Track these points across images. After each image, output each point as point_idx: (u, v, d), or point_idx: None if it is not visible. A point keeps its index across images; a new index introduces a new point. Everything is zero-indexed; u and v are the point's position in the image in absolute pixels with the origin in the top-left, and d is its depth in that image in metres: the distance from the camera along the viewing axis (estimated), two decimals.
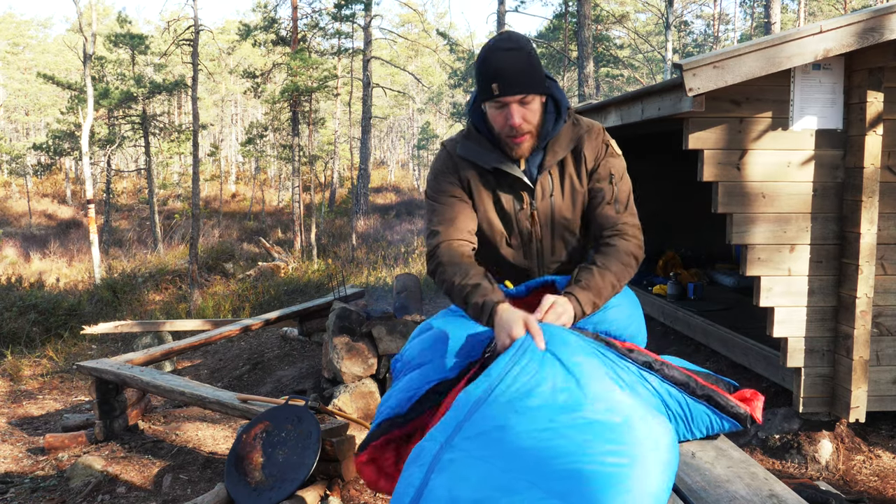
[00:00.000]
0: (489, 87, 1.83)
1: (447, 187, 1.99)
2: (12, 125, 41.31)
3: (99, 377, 4.83)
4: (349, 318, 5.51)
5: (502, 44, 1.84)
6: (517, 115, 1.84)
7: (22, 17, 45.96)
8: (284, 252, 16.35)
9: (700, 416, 1.69)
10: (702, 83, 3.36)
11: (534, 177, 1.97)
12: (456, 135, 2.10)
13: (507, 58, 1.81)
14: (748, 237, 3.75)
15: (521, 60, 1.82)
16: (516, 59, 1.82)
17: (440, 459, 1.37)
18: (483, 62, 1.85)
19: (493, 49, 1.84)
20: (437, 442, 1.42)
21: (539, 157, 1.96)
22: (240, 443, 3.79)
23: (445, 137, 13.01)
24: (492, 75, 1.81)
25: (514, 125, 1.85)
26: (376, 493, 3.79)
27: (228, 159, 38.12)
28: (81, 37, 15.29)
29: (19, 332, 9.71)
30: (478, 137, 1.97)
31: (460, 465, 1.34)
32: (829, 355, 3.83)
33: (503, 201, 1.98)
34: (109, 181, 22.89)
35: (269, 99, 18.62)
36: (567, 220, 2.01)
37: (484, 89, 1.85)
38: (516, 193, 1.97)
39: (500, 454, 1.33)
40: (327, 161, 26.23)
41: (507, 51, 1.82)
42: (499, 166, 1.93)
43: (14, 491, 4.15)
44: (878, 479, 3.73)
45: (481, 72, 1.85)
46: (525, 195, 1.97)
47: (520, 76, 1.81)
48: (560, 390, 1.43)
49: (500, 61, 1.81)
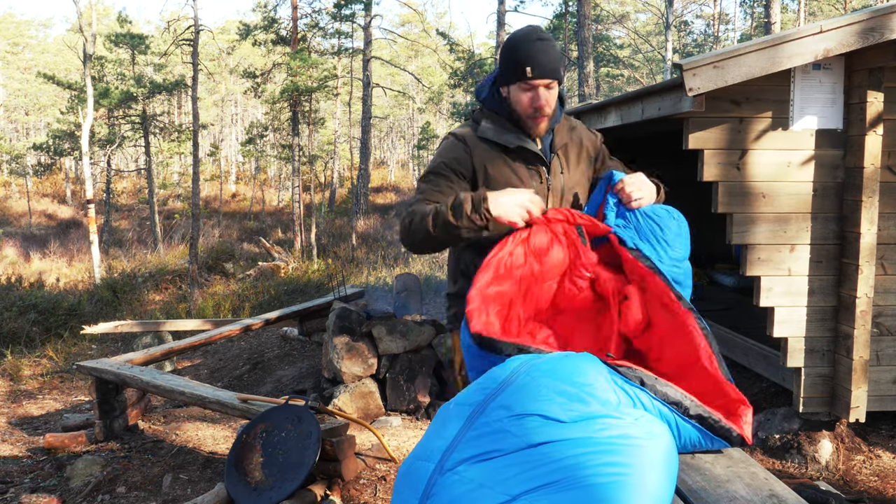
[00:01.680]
0: (522, 70, 2.00)
1: (448, 174, 2.10)
2: (12, 125, 41.32)
3: (99, 377, 4.83)
4: (349, 318, 5.51)
5: (536, 34, 2.05)
6: (544, 98, 2.03)
7: (22, 17, 45.99)
8: (284, 252, 16.35)
9: (688, 437, 1.68)
10: (702, 83, 3.36)
11: (548, 155, 2.15)
12: (464, 124, 2.20)
13: (541, 46, 2.01)
14: (748, 237, 3.75)
15: (553, 50, 2.04)
16: (549, 48, 2.02)
17: (434, 484, 1.35)
18: (516, 48, 2.03)
19: (526, 38, 2.03)
20: (432, 462, 1.38)
21: (548, 138, 2.15)
22: (240, 443, 3.79)
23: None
24: (525, 60, 2.00)
25: (540, 106, 2.03)
26: (376, 493, 3.79)
27: (228, 159, 38.13)
28: (81, 37, 15.29)
29: (19, 332, 9.72)
30: (498, 119, 2.11)
31: (457, 491, 1.32)
32: (829, 355, 3.83)
33: (521, 177, 2.10)
34: (109, 181, 22.90)
35: (269, 99, 18.62)
36: (575, 197, 2.19)
37: (516, 72, 2.02)
38: (535, 170, 2.12)
39: (497, 480, 1.32)
40: (327, 161, 26.24)
41: (540, 40, 2.02)
42: (522, 144, 2.08)
43: (14, 491, 4.15)
44: (878, 479, 3.73)
45: (513, 56, 2.03)
46: (542, 171, 2.13)
47: (552, 63, 2.02)
48: (558, 404, 1.43)
49: (534, 48, 2.01)
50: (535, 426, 1.38)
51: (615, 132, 5.44)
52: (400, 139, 45.68)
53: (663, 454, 1.40)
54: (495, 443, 1.37)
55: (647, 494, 1.29)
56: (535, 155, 2.11)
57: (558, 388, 1.46)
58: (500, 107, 2.12)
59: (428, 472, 1.37)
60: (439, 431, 1.46)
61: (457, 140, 2.14)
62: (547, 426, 1.38)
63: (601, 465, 1.30)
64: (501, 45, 1.98)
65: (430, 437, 1.47)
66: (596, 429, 1.37)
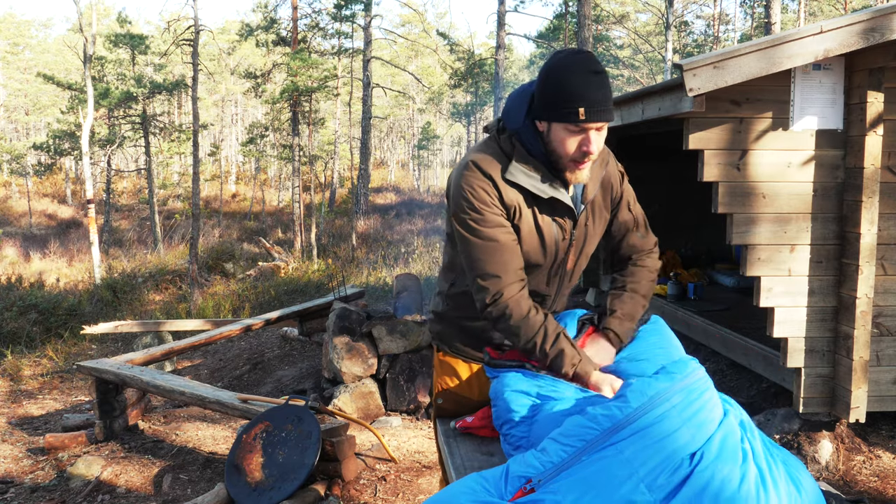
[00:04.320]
0: (574, 111, 1.69)
1: (495, 221, 1.82)
2: (12, 125, 41.31)
3: (99, 377, 4.83)
4: (349, 318, 5.51)
5: (589, 65, 1.70)
6: (595, 143, 1.74)
7: (22, 17, 45.98)
8: (284, 252, 16.36)
9: None
10: (702, 83, 3.36)
11: (578, 206, 1.90)
12: (485, 152, 1.87)
13: (596, 81, 1.69)
14: (748, 237, 3.74)
15: (607, 86, 1.72)
16: (604, 83, 1.70)
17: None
18: (566, 82, 1.69)
19: (578, 70, 1.69)
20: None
21: (581, 185, 1.89)
22: (240, 443, 3.79)
23: (448, 139, 12.82)
24: (579, 99, 1.68)
25: (589, 153, 1.75)
26: (376, 493, 3.79)
27: (228, 159, 38.13)
28: (82, 37, 15.29)
29: (19, 332, 9.72)
30: (532, 161, 1.81)
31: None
32: (829, 355, 3.83)
33: (543, 228, 1.87)
34: (109, 181, 22.90)
35: (269, 99, 18.63)
36: (592, 249, 2.01)
37: (565, 112, 1.70)
38: (561, 223, 1.89)
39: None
40: (327, 161, 26.24)
41: (595, 73, 1.69)
42: (555, 196, 1.83)
43: (14, 491, 4.15)
44: (878, 479, 3.73)
45: (564, 92, 1.69)
46: (568, 225, 1.90)
47: (606, 103, 1.71)
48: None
49: (589, 85, 1.68)
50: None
51: (615, 132, 5.44)
52: (400, 139, 45.68)
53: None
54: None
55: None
56: (566, 207, 1.87)
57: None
58: (534, 143, 1.81)
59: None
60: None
61: (486, 177, 1.82)
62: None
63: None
64: (541, 71, 1.79)
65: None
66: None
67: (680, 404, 1.49)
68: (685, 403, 1.49)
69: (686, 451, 1.43)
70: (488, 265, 1.82)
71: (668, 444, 1.43)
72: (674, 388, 1.51)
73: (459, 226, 1.85)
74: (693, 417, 1.47)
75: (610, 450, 1.45)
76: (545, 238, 1.88)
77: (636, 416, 1.47)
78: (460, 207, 1.84)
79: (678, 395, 1.50)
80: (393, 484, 3.91)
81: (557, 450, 1.51)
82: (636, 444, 1.43)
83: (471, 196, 1.81)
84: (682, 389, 1.52)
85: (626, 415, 1.48)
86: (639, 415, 1.47)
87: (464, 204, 1.83)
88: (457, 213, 1.86)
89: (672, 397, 1.50)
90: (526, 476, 1.50)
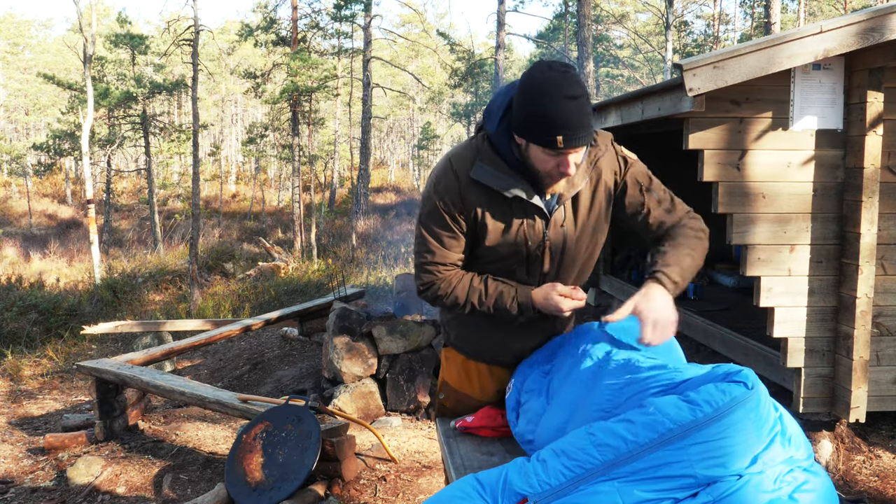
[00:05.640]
0: (552, 140, 1.67)
1: (443, 218, 1.88)
2: (12, 125, 41.31)
3: (99, 377, 4.83)
4: (349, 318, 5.51)
5: (567, 89, 1.66)
6: (573, 165, 1.75)
7: (22, 18, 45.97)
8: (284, 252, 16.35)
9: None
10: (702, 83, 3.36)
11: (552, 205, 1.88)
12: (462, 149, 1.91)
13: (574, 108, 1.66)
14: (748, 237, 3.74)
15: (585, 111, 1.68)
16: (582, 109, 1.67)
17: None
18: (542, 109, 1.67)
19: (556, 95, 1.66)
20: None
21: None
22: (240, 443, 3.79)
23: (448, 139, 12.85)
24: (557, 127, 1.66)
25: (567, 174, 1.76)
26: (376, 493, 3.79)
27: (229, 159, 38.13)
28: (81, 37, 15.29)
29: (19, 332, 9.72)
30: (497, 161, 1.82)
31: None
32: (829, 355, 3.83)
33: (513, 227, 1.87)
34: (109, 181, 22.90)
35: (269, 99, 18.62)
36: (577, 251, 1.96)
37: (542, 138, 1.69)
38: (529, 220, 1.87)
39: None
40: (327, 161, 26.24)
41: (573, 99, 1.66)
42: (519, 195, 1.82)
43: (14, 491, 4.15)
44: (878, 479, 3.73)
45: (540, 119, 1.67)
46: (539, 223, 1.88)
47: (584, 129, 1.68)
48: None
49: (567, 112, 1.65)
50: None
51: (615, 132, 5.44)
52: (400, 139, 45.67)
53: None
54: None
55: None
56: (534, 207, 1.85)
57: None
58: (506, 149, 1.82)
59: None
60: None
61: (453, 174, 1.86)
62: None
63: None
64: (519, 86, 1.77)
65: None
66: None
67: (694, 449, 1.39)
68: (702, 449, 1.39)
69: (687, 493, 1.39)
70: (426, 253, 1.94)
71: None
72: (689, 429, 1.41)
73: (419, 211, 1.97)
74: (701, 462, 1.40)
75: (606, 485, 1.42)
76: (510, 237, 1.88)
77: (639, 453, 1.41)
78: (424, 195, 1.95)
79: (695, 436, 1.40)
80: (393, 484, 3.91)
81: (557, 471, 1.48)
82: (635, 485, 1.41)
83: (433, 186, 1.89)
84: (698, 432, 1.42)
85: (629, 450, 1.43)
86: (643, 452, 1.41)
87: (427, 193, 1.92)
88: (421, 200, 1.98)
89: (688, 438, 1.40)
90: (522, 494, 1.49)
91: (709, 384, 1.45)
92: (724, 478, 1.36)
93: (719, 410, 1.38)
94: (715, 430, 1.37)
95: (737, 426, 1.37)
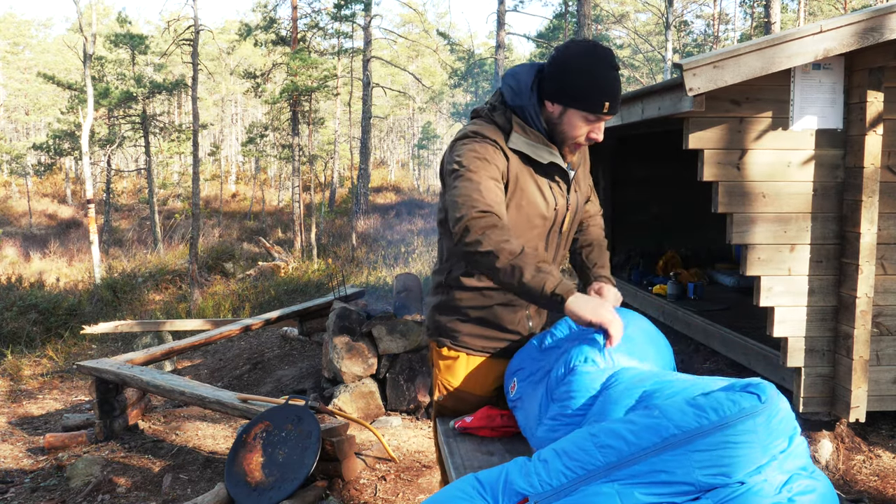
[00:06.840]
0: (600, 104, 1.86)
1: (492, 169, 1.88)
2: (12, 125, 41.32)
3: (99, 377, 4.84)
4: (349, 317, 5.50)
5: (612, 61, 1.88)
6: (602, 132, 1.95)
7: (22, 17, 45.98)
8: (284, 252, 16.35)
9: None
10: (702, 83, 3.36)
11: (570, 171, 2.09)
12: (480, 127, 1.97)
13: (617, 78, 1.89)
14: (748, 237, 3.74)
15: (620, 83, 1.92)
16: (619, 80, 1.91)
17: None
18: (595, 77, 1.85)
19: (605, 65, 1.86)
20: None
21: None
22: (240, 443, 3.79)
23: (448, 139, 12.89)
24: (605, 93, 1.86)
25: (597, 139, 1.95)
26: (376, 493, 3.79)
27: (228, 159, 38.13)
28: (81, 37, 15.28)
29: (19, 332, 9.72)
30: (531, 132, 1.97)
31: None
32: (829, 355, 3.83)
33: (545, 192, 2.02)
34: (109, 181, 22.89)
35: (269, 99, 18.62)
36: (576, 220, 2.18)
37: (591, 104, 1.86)
38: (557, 186, 2.05)
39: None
40: (327, 161, 26.24)
41: (616, 70, 1.89)
42: (554, 160, 1.99)
43: (14, 491, 4.15)
44: (878, 478, 3.73)
45: (590, 85, 1.85)
46: (563, 188, 2.06)
47: (620, 98, 1.91)
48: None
49: (613, 80, 1.87)
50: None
51: (615, 132, 5.44)
52: (400, 139, 45.66)
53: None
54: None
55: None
56: (562, 171, 2.03)
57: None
58: (536, 119, 1.96)
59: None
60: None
61: (492, 144, 1.93)
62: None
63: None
64: (562, 58, 1.90)
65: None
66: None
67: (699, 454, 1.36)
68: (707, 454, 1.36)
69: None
70: (474, 193, 1.80)
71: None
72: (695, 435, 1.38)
73: (456, 166, 1.87)
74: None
75: (607, 487, 1.40)
76: (547, 200, 2.02)
77: (641, 456, 1.39)
78: (460, 155, 1.89)
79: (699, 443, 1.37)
80: (393, 484, 3.91)
81: (558, 471, 1.47)
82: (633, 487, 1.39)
83: (473, 150, 1.89)
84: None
85: (631, 452, 1.40)
86: (645, 455, 1.39)
87: (465, 153, 1.89)
88: (454, 162, 1.90)
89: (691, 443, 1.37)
90: (523, 494, 1.49)
91: (719, 392, 1.42)
92: (726, 485, 1.35)
93: (725, 419, 1.35)
94: (720, 439, 1.34)
95: (743, 437, 1.34)
